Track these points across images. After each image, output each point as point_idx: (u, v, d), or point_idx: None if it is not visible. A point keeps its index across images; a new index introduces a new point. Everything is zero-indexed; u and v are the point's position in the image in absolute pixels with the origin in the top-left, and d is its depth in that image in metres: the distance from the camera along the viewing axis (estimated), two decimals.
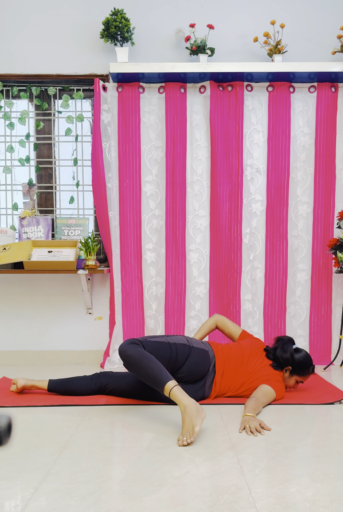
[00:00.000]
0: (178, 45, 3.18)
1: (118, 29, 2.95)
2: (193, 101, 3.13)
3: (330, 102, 3.12)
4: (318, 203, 3.16)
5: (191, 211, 3.15)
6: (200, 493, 1.38)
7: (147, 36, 3.18)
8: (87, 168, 3.28)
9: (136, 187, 3.15)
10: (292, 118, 3.14)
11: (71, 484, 1.44)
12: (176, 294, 3.16)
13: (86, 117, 3.29)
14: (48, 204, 3.32)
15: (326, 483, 1.44)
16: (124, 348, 2.10)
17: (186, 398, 1.84)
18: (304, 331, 3.19)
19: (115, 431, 1.98)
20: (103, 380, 2.38)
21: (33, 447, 1.75)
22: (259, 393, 2.19)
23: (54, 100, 3.29)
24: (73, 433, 1.90)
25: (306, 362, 2.37)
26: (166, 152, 3.11)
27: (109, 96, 3.09)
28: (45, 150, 3.31)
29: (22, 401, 2.31)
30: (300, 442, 1.79)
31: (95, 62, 3.19)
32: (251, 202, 3.16)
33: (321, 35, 3.19)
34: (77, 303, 3.27)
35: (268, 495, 1.37)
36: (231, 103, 3.12)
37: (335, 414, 2.15)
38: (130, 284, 3.17)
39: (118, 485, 1.43)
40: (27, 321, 3.26)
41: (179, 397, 1.84)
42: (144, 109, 3.13)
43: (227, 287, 3.15)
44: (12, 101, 3.28)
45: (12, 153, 3.29)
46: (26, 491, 1.40)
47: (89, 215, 3.32)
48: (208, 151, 3.14)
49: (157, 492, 1.39)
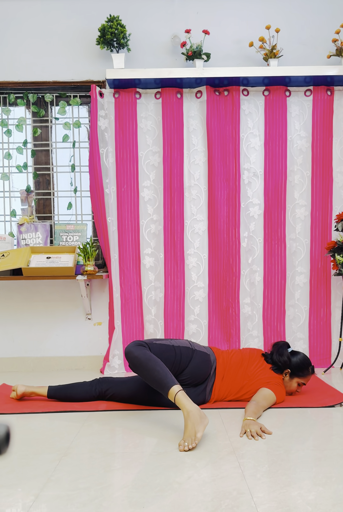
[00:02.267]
0: (173, 51, 3.19)
1: (114, 36, 2.96)
2: (189, 106, 3.14)
3: (326, 105, 3.13)
4: (315, 206, 3.17)
5: (189, 216, 3.16)
6: (202, 498, 1.38)
7: (143, 42, 3.19)
8: (85, 174, 3.28)
9: (134, 193, 3.15)
10: (288, 121, 3.15)
11: (72, 491, 1.44)
12: (175, 298, 3.16)
13: (83, 123, 3.30)
14: (46, 210, 3.32)
15: (327, 486, 1.44)
16: (131, 349, 2.09)
17: (190, 404, 1.84)
18: (304, 334, 3.19)
19: (115, 437, 1.98)
20: (103, 386, 2.37)
21: (34, 454, 1.74)
22: (259, 397, 2.19)
23: (51, 106, 3.30)
24: (74, 439, 1.89)
25: (304, 362, 2.38)
26: (163, 157, 3.12)
27: (106, 102, 3.10)
28: (42, 156, 3.31)
29: (22, 408, 2.31)
30: (301, 446, 1.78)
31: (91, 68, 3.20)
32: (249, 206, 3.16)
33: (316, 39, 3.21)
34: (76, 308, 3.26)
35: (269, 499, 1.36)
36: (228, 108, 3.13)
37: (336, 417, 2.15)
38: (129, 289, 3.17)
39: (120, 492, 1.43)
40: (26, 328, 3.25)
41: (182, 402, 1.85)
42: (141, 114, 3.14)
43: (226, 291, 3.15)
44: (9, 108, 3.28)
45: (9, 160, 3.29)
46: (27, 498, 1.40)
47: (88, 221, 3.32)
48: (205, 155, 3.15)
49: (159, 498, 1.38)
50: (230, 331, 3.15)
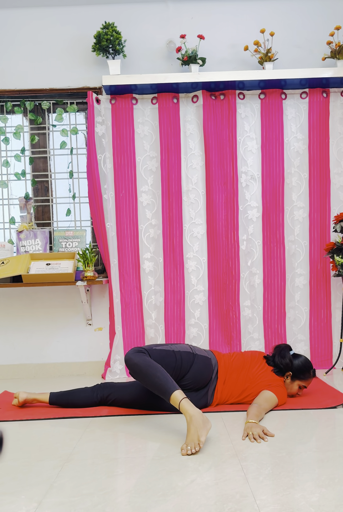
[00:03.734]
0: (169, 56, 3.21)
1: (110, 42, 2.98)
2: (186, 110, 3.16)
3: (322, 107, 3.15)
4: (313, 207, 3.17)
5: (188, 220, 3.16)
6: (205, 502, 1.37)
7: (139, 48, 3.21)
8: (83, 180, 3.29)
9: (132, 198, 3.16)
10: (284, 124, 3.17)
11: (75, 497, 1.44)
12: (175, 302, 3.16)
13: (80, 130, 3.31)
14: (45, 217, 3.33)
15: (330, 488, 1.44)
16: (131, 356, 2.10)
17: (192, 409, 1.85)
18: (305, 335, 3.19)
19: (118, 442, 1.97)
20: (105, 391, 2.37)
21: (36, 460, 1.74)
22: (261, 399, 2.19)
23: (48, 114, 3.31)
24: (76, 445, 1.89)
25: (305, 365, 2.38)
26: (161, 162, 3.13)
27: (103, 108, 3.11)
28: (40, 163, 3.32)
29: (24, 414, 2.31)
30: (303, 447, 1.78)
31: (88, 75, 3.22)
32: (247, 208, 3.17)
33: (311, 42, 3.23)
34: (77, 314, 3.26)
35: (272, 501, 1.36)
36: (224, 112, 3.14)
37: (338, 418, 2.14)
38: (129, 294, 3.17)
39: (123, 497, 1.43)
40: (27, 334, 3.25)
41: (185, 407, 1.85)
42: (138, 120, 3.15)
43: (226, 294, 3.16)
44: (7, 116, 3.30)
45: (8, 167, 3.30)
46: (30, 505, 1.40)
47: (87, 227, 3.33)
48: (202, 159, 3.16)
49: (162, 502, 1.38)
50: (230, 334, 3.15)
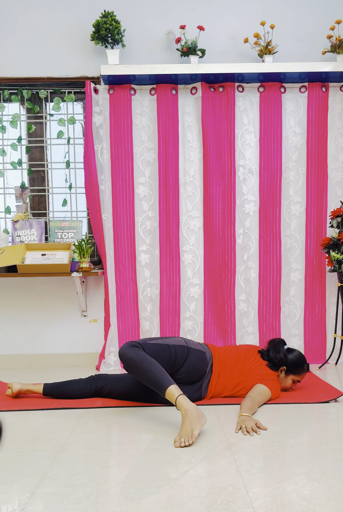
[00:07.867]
0: (168, 47, 3.19)
1: (109, 32, 2.95)
2: (184, 102, 3.14)
3: (321, 101, 3.14)
4: (310, 202, 3.17)
5: (184, 212, 3.16)
6: (197, 493, 1.38)
7: (138, 38, 3.18)
8: (79, 170, 3.27)
9: (129, 189, 3.14)
10: (283, 118, 3.15)
11: (68, 487, 1.44)
12: (171, 295, 3.16)
13: (78, 119, 3.28)
14: (41, 207, 3.31)
15: (322, 481, 1.45)
16: (125, 351, 2.09)
17: (188, 403, 1.85)
18: (299, 330, 3.20)
19: (111, 433, 1.98)
20: (99, 383, 2.37)
21: (29, 451, 1.74)
22: (254, 393, 2.20)
23: (45, 103, 3.28)
24: (69, 436, 1.89)
25: (300, 360, 2.40)
26: (158, 154, 3.12)
27: (101, 99, 3.09)
28: (37, 153, 3.30)
29: (18, 405, 2.30)
30: (296, 441, 1.79)
31: (86, 64, 3.19)
32: (244, 202, 3.17)
33: (311, 36, 3.21)
34: (72, 305, 3.26)
35: (264, 494, 1.37)
36: (223, 104, 3.13)
37: (330, 413, 2.16)
38: (125, 286, 3.17)
39: (115, 488, 1.43)
40: (22, 325, 3.24)
41: (181, 402, 1.86)
42: (136, 111, 3.13)
43: (222, 288, 3.16)
44: (4, 104, 3.26)
45: (4, 156, 3.27)
46: (22, 495, 1.40)
47: (83, 218, 3.31)
48: (200, 152, 3.14)
49: (155, 493, 1.38)
50: (225, 327, 3.16)
